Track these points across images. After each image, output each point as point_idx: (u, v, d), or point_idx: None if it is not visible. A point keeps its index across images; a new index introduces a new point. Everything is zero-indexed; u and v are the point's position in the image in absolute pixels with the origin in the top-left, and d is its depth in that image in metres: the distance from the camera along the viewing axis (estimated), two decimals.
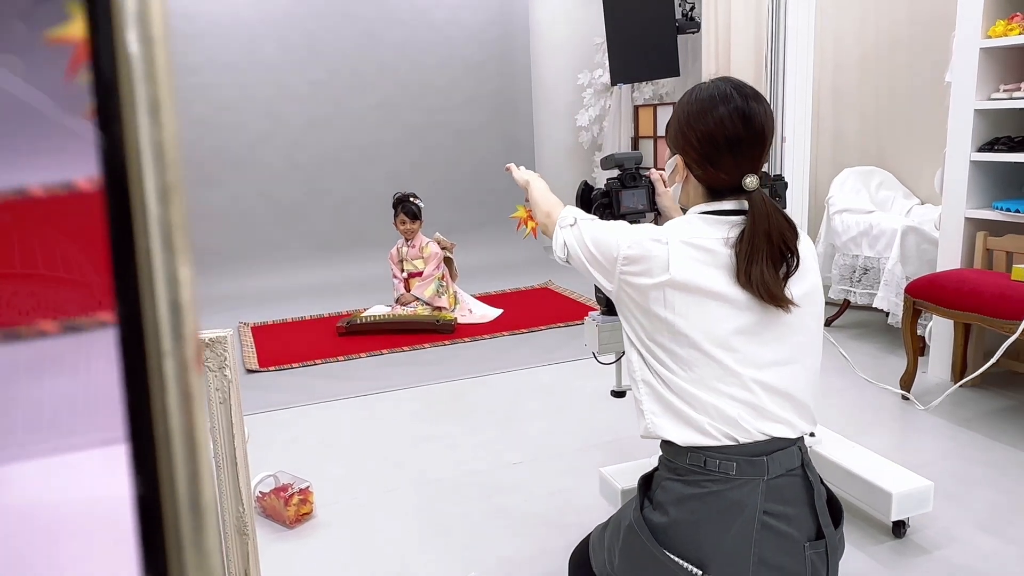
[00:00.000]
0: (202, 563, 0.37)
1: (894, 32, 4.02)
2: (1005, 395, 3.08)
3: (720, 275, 1.25)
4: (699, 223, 1.30)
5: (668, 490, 1.31)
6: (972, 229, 3.16)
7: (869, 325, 4.09)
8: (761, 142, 1.29)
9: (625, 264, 1.29)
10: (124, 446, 0.36)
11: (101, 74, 0.33)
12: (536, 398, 3.29)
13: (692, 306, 1.24)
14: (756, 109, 1.27)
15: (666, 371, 1.28)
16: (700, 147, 1.29)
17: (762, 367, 1.26)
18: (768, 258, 1.23)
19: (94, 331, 0.36)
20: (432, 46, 6.12)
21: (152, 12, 0.33)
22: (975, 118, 3.06)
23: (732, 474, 1.24)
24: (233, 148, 5.75)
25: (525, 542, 2.18)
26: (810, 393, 1.33)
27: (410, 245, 4.62)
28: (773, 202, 1.28)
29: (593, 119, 6.61)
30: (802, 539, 1.27)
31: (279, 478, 2.38)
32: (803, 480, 1.30)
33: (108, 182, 0.34)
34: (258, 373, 3.76)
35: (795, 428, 1.30)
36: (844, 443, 2.35)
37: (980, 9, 2.98)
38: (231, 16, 5.57)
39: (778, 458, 1.26)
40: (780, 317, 1.28)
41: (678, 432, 1.28)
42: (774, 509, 1.25)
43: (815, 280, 1.34)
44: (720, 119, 1.26)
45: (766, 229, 1.24)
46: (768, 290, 1.23)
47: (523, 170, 1.78)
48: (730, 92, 1.28)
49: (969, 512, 2.24)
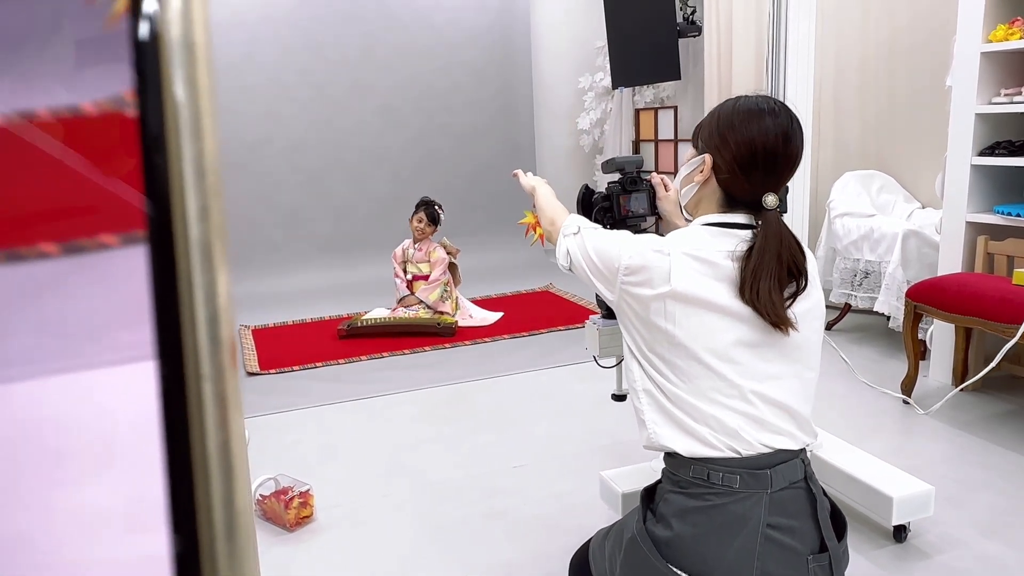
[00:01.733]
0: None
1: (895, 36, 4.02)
2: (1006, 399, 3.08)
3: (722, 288, 1.25)
4: (703, 235, 1.29)
5: (671, 503, 1.30)
6: (973, 233, 3.16)
7: (870, 329, 4.09)
8: (792, 165, 1.30)
9: (626, 274, 1.29)
10: (137, 366, 0.37)
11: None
12: (536, 401, 3.29)
13: (692, 318, 1.24)
14: (796, 134, 1.29)
15: (666, 382, 1.28)
16: (736, 151, 1.29)
17: (762, 379, 1.26)
18: (775, 277, 1.23)
19: (97, 252, 0.36)
20: (433, 49, 6.13)
21: (197, 48, 0.34)
22: (976, 122, 3.06)
23: (736, 487, 1.24)
24: (234, 150, 5.75)
25: (525, 545, 2.18)
26: (808, 406, 1.33)
27: (418, 248, 4.62)
28: (785, 225, 1.28)
29: (594, 122, 6.62)
30: (805, 552, 1.26)
31: (279, 481, 2.38)
32: (806, 493, 1.29)
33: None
34: (258, 376, 3.75)
35: (796, 440, 1.29)
36: (845, 447, 2.35)
37: (981, 13, 2.98)
38: (232, 18, 5.58)
39: (781, 471, 1.26)
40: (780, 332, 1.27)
41: (681, 442, 1.27)
42: (778, 522, 1.24)
43: (818, 296, 1.35)
44: (765, 130, 1.27)
45: (777, 249, 1.24)
46: (773, 310, 1.23)
47: (530, 176, 1.78)
48: (778, 109, 1.30)
49: (970, 516, 2.24)
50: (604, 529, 1.52)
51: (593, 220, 1.65)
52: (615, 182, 1.80)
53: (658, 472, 2.10)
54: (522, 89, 6.55)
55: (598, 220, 1.73)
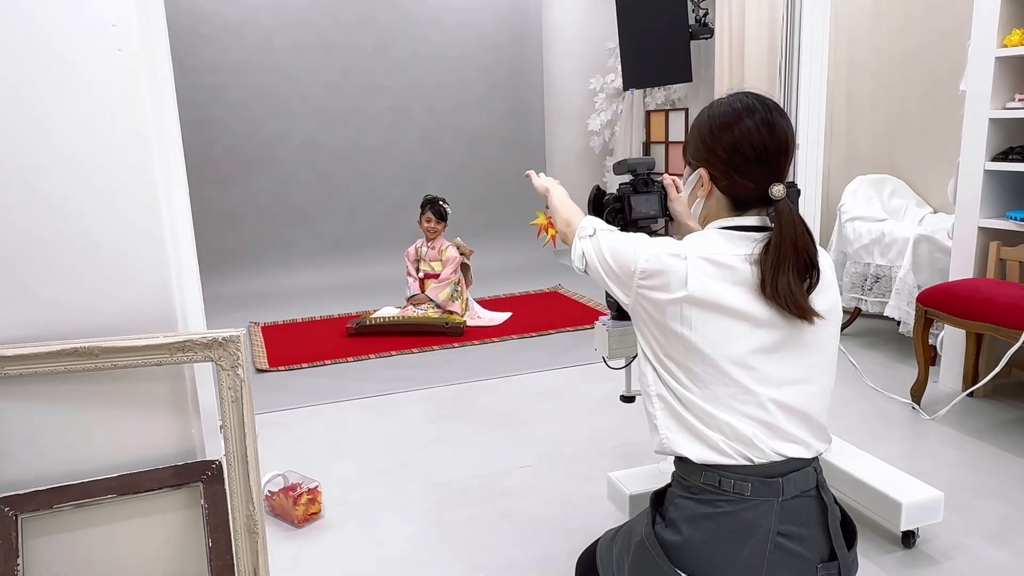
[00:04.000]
0: None
1: (908, 40, 4.00)
2: (1016, 406, 3.06)
3: (739, 292, 1.24)
4: (719, 239, 1.28)
5: (681, 508, 1.29)
6: (985, 239, 3.14)
7: (880, 333, 4.07)
8: (786, 151, 1.29)
9: (642, 278, 1.28)
10: None
11: None
12: (545, 402, 3.29)
13: (709, 323, 1.23)
14: (780, 120, 1.28)
15: (680, 387, 1.27)
16: (727, 158, 1.28)
17: (778, 385, 1.25)
18: (794, 268, 1.22)
19: None
20: (445, 49, 6.14)
21: None
22: (990, 127, 3.05)
23: (747, 495, 1.23)
24: (247, 148, 5.78)
25: (532, 546, 2.18)
26: (824, 412, 1.31)
27: (430, 246, 4.63)
28: (798, 212, 1.27)
29: (605, 124, 6.62)
30: (815, 560, 1.25)
31: (288, 477, 2.39)
32: (817, 501, 1.28)
33: None
34: (268, 373, 3.77)
35: (810, 448, 1.28)
36: (854, 452, 2.34)
37: (996, 18, 2.96)
38: (246, 17, 5.60)
39: (793, 479, 1.25)
40: (798, 336, 1.26)
41: (692, 449, 1.27)
42: (788, 530, 1.24)
43: (835, 297, 1.33)
44: (747, 130, 1.26)
45: (792, 238, 1.23)
46: (795, 301, 1.22)
47: (543, 177, 1.78)
48: (754, 104, 1.29)
49: (979, 523, 2.23)
50: (612, 530, 1.51)
51: (604, 221, 1.65)
52: (626, 184, 1.80)
53: (667, 474, 2.11)
54: (533, 90, 6.55)
55: (609, 221, 1.73)
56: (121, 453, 1.40)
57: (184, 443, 1.44)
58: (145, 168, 1.33)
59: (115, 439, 1.39)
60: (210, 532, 1.42)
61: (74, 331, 1.34)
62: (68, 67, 1.26)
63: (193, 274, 1.66)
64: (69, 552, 1.40)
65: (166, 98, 1.55)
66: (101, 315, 1.35)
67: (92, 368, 1.31)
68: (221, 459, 1.43)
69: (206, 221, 5.35)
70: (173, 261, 1.39)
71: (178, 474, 1.41)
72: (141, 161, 1.33)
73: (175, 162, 1.58)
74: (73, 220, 1.31)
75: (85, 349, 1.29)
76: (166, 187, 1.40)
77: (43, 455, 1.36)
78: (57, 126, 1.27)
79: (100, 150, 1.30)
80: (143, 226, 1.34)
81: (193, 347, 1.35)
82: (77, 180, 1.30)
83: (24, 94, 1.25)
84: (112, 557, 1.43)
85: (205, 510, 1.42)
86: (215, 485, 1.42)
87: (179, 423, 1.43)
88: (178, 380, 1.41)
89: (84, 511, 1.39)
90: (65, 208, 1.30)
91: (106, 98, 1.29)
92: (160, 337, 1.34)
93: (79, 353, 1.29)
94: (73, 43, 1.26)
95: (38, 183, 1.28)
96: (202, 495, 1.42)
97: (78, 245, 1.32)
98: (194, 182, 2.05)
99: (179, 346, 1.34)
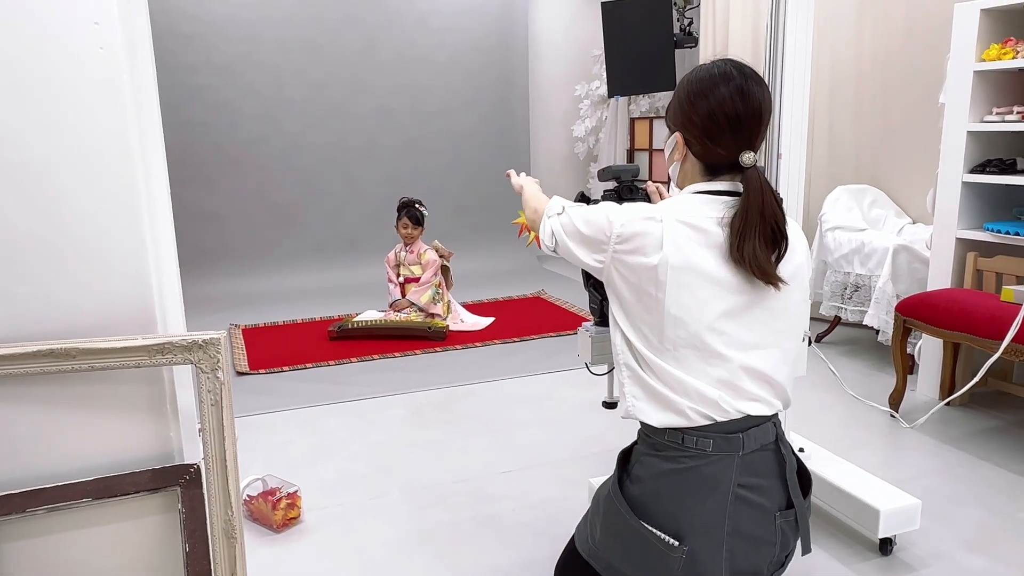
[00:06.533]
0: None
1: (890, 52, 4.05)
2: (993, 415, 3.10)
3: (711, 255, 1.27)
4: (694, 202, 1.32)
5: (646, 464, 1.35)
6: (963, 249, 3.19)
7: (859, 342, 4.11)
8: (759, 120, 1.31)
9: (619, 242, 1.30)
10: None
11: None
12: (527, 407, 3.29)
13: (683, 287, 1.26)
14: (755, 89, 1.30)
15: (649, 351, 1.30)
16: (701, 124, 1.31)
17: (746, 349, 1.29)
18: (761, 235, 1.25)
19: None
20: (431, 52, 6.14)
21: None
22: (968, 139, 3.09)
23: (708, 451, 1.29)
24: (230, 149, 5.74)
25: (514, 551, 2.18)
26: (786, 374, 1.36)
27: (409, 250, 4.62)
28: (767, 180, 1.29)
29: (589, 130, 6.65)
30: (773, 509, 1.32)
31: (267, 482, 2.37)
32: (776, 454, 1.34)
33: None
34: (248, 376, 3.74)
35: (771, 406, 1.34)
36: (832, 459, 2.36)
37: (975, 33, 3.01)
38: (231, 17, 5.57)
39: (753, 434, 1.31)
40: (765, 301, 1.30)
41: (657, 416, 1.31)
42: (748, 482, 1.30)
43: (801, 260, 1.36)
44: (721, 98, 1.29)
45: (760, 205, 1.25)
46: (760, 267, 1.25)
47: (522, 176, 1.82)
48: (731, 71, 1.31)
49: (956, 531, 2.25)
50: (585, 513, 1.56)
51: None
52: (611, 190, 1.81)
53: None
54: (518, 95, 6.57)
55: None
56: (98, 456, 1.38)
57: (162, 446, 1.42)
58: (125, 167, 1.31)
59: (92, 442, 1.37)
60: (187, 537, 1.40)
61: (51, 332, 1.31)
62: (49, 64, 1.24)
63: (173, 275, 1.65)
64: (43, 557, 1.38)
65: (148, 97, 1.54)
66: (79, 316, 1.33)
67: (69, 370, 1.29)
68: (199, 463, 1.42)
69: (187, 222, 5.30)
70: (153, 262, 1.37)
71: (155, 478, 1.39)
72: (122, 160, 1.31)
73: (156, 162, 1.57)
74: (51, 219, 1.29)
75: (62, 350, 1.27)
76: (147, 187, 1.38)
77: (17, 457, 1.34)
78: (37, 124, 1.26)
79: (80, 148, 1.28)
80: (123, 226, 1.33)
81: (172, 349, 1.33)
82: (56, 178, 1.28)
83: (2, 91, 1.23)
84: (88, 562, 1.40)
85: (183, 514, 1.40)
86: (193, 489, 1.41)
87: (157, 426, 1.41)
88: (157, 383, 1.39)
89: (59, 515, 1.36)
90: (43, 207, 1.28)
91: (87, 96, 1.27)
92: (139, 339, 1.32)
93: (56, 354, 1.27)
94: (55, 40, 1.24)
95: (16, 181, 1.26)
96: (180, 499, 1.41)
97: (55, 244, 1.30)
98: (175, 182, 2.04)
99: (158, 348, 1.32)
